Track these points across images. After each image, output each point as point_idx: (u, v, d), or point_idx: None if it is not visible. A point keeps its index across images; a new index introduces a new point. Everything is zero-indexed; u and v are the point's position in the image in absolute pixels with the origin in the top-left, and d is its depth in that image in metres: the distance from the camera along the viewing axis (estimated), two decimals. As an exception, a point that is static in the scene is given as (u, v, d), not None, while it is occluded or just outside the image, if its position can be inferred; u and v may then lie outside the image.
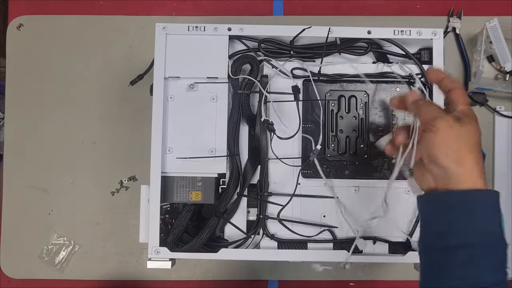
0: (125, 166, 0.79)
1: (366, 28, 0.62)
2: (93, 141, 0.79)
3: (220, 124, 0.62)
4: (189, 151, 0.61)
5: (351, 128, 0.63)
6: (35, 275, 0.78)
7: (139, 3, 0.82)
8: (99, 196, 0.78)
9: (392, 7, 0.81)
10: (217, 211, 0.62)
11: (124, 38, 0.81)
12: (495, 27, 0.73)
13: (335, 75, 0.63)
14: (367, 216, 0.61)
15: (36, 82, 0.80)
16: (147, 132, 0.60)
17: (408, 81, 0.63)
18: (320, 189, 0.62)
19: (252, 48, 0.64)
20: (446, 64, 0.63)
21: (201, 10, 0.82)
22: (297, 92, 0.59)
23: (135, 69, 0.78)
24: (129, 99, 0.79)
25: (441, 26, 0.79)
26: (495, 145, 0.78)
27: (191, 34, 0.62)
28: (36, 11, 0.82)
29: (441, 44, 0.62)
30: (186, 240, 0.63)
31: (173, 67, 0.62)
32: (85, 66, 0.80)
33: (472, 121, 0.43)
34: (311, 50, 0.64)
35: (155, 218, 0.60)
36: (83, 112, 0.80)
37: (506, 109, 0.78)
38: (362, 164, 0.63)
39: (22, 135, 0.80)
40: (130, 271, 0.78)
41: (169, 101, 0.62)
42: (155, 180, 0.60)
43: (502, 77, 0.76)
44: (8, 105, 0.81)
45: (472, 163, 0.41)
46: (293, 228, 0.61)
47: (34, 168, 0.79)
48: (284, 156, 0.62)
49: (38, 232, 0.78)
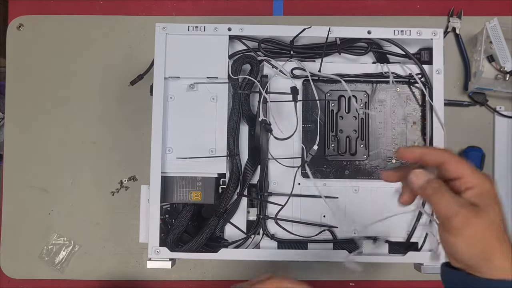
0: (125, 166, 0.79)
1: (366, 28, 0.62)
2: (93, 141, 0.79)
3: (220, 124, 0.62)
4: (189, 151, 0.61)
5: (351, 128, 0.63)
6: (35, 275, 0.78)
7: (139, 3, 0.82)
8: (99, 196, 0.78)
9: (392, 7, 0.81)
10: (217, 211, 0.62)
11: (124, 38, 0.81)
12: (495, 27, 0.73)
13: (335, 75, 0.63)
14: (367, 216, 0.62)
15: (36, 82, 0.80)
16: (147, 132, 0.60)
17: (408, 81, 0.63)
18: (320, 189, 0.62)
19: (252, 48, 0.64)
20: (446, 64, 0.63)
21: (201, 10, 0.82)
22: (296, 94, 0.59)
23: (135, 69, 0.78)
24: (129, 99, 0.79)
25: (441, 26, 0.79)
26: (495, 145, 0.78)
27: (191, 34, 0.62)
28: (36, 11, 0.82)
29: (441, 44, 0.62)
30: (186, 240, 0.63)
31: (173, 67, 0.62)
32: (85, 66, 0.80)
33: (491, 202, 0.38)
34: (311, 50, 0.64)
35: (155, 218, 0.60)
36: (83, 112, 0.80)
37: (506, 109, 0.78)
38: (362, 164, 0.63)
39: (22, 135, 0.80)
40: (130, 271, 0.78)
41: (169, 101, 0.62)
42: (155, 180, 0.60)
43: (502, 77, 0.76)
44: (8, 105, 0.81)
45: (502, 254, 0.37)
46: (293, 228, 0.62)
47: (34, 168, 0.79)
48: (284, 156, 0.62)
49: (38, 232, 0.78)
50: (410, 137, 0.63)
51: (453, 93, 0.79)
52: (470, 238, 0.37)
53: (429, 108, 0.62)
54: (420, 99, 0.64)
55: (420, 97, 0.64)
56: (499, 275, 0.37)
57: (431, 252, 0.47)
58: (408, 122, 0.63)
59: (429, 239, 0.61)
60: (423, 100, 0.63)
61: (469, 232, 0.37)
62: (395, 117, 0.63)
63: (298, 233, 0.62)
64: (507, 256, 0.37)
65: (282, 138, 0.58)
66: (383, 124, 0.63)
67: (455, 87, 0.79)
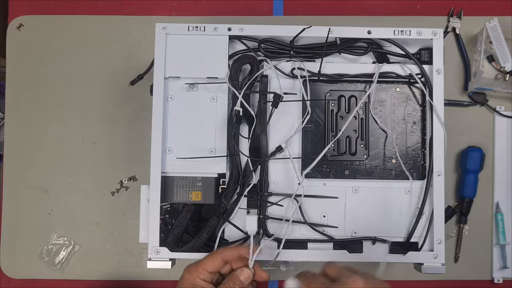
0: (125, 166, 0.79)
1: (366, 28, 0.62)
2: (93, 141, 0.79)
3: (220, 124, 0.62)
4: (189, 151, 0.61)
5: (351, 128, 0.63)
6: (35, 275, 0.78)
7: (139, 3, 0.82)
8: (99, 196, 0.78)
9: (392, 7, 0.81)
10: (217, 211, 0.62)
11: (124, 38, 0.81)
12: (495, 27, 0.73)
13: (335, 75, 0.63)
14: (367, 216, 0.62)
15: (36, 82, 0.80)
16: (147, 132, 0.60)
17: (408, 81, 0.63)
18: (320, 189, 0.63)
19: (252, 48, 0.64)
20: (446, 64, 0.63)
21: (201, 10, 0.82)
22: (278, 100, 0.60)
23: (135, 69, 0.78)
24: (129, 99, 0.79)
25: (441, 26, 0.79)
26: (495, 145, 0.78)
27: (191, 34, 0.62)
28: (36, 11, 0.82)
29: (441, 44, 0.62)
30: (186, 240, 0.63)
31: (173, 67, 0.62)
32: (85, 66, 0.80)
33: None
34: (311, 50, 0.64)
35: (155, 218, 0.60)
36: (83, 112, 0.80)
37: (506, 109, 0.78)
38: (362, 164, 0.63)
39: (22, 135, 0.80)
40: (130, 271, 0.78)
41: (169, 101, 0.62)
42: (155, 180, 0.60)
43: (502, 77, 0.76)
44: (8, 105, 0.81)
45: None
46: (293, 228, 0.62)
47: (34, 168, 0.79)
48: (284, 156, 0.62)
49: (38, 232, 0.78)
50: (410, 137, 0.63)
51: (453, 93, 0.79)
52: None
53: (429, 108, 0.62)
54: (420, 99, 0.64)
55: (420, 97, 0.64)
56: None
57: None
58: (408, 122, 0.63)
59: (429, 239, 0.61)
60: (423, 100, 0.63)
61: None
62: (395, 117, 0.63)
63: (298, 233, 0.62)
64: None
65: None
66: (383, 124, 0.63)
67: (455, 87, 0.79)
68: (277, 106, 0.60)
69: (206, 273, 0.52)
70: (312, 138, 0.63)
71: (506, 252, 0.75)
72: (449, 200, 0.77)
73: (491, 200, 0.77)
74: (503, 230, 0.75)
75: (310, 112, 0.61)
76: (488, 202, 0.77)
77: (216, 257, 0.52)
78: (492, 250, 0.76)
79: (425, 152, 0.63)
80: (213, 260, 0.52)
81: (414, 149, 0.63)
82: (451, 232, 0.77)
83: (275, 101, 0.60)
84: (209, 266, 0.52)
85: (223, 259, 0.53)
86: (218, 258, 0.52)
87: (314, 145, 0.63)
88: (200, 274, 0.52)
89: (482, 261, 0.77)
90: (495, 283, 0.76)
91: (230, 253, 0.53)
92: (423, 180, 0.62)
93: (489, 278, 0.76)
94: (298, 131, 0.63)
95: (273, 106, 0.60)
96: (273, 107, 0.60)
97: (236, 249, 0.53)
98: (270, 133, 0.63)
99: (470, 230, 0.76)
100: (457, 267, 0.76)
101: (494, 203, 0.77)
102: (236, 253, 0.53)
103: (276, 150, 0.61)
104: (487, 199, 0.77)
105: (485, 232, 0.77)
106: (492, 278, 0.76)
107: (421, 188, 0.62)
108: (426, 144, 0.63)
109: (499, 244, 0.76)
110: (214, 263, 0.52)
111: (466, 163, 0.75)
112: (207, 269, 0.52)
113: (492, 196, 0.77)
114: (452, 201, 0.77)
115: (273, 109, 0.60)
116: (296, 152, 0.63)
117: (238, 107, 0.60)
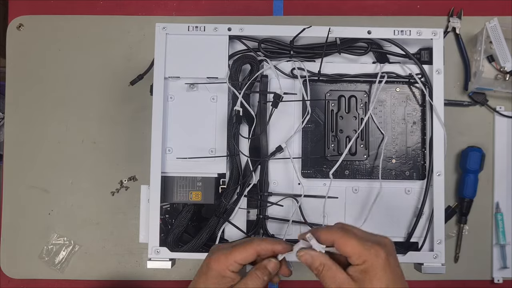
0: (125, 166, 0.79)
1: (366, 28, 0.62)
2: (93, 141, 0.79)
3: (220, 124, 0.62)
4: (189, 151, 0.61)
5: (351, 128, 0.63)
6: (35, 275, 0.78)
7: (139, 3, 0.82)
8: (99, 196, 0.78)
9: (392, 7, 0.81)
10: (217, 211, 0.62)
11: (124, 38, 0.81)
12: (495, 27, 0.73)
13: (335, 75, 0.63)
14: (367, 216, 0.62)
15: (36, 82, 0.80)
16: (147, 132, 0.60)
17: (408, 81, 0.63)
18: (320, 189, 0.63)
19: (252, 48, 0.64)
20: (446, 64, 0.63)
21: (201, 10, 0.82)
22: (278, 100, 0.60)
23: (135, 69, 0.78)
24: (129, 99, 0.79)
25: (441, 26, 0.79)
26: (495, 145, 0.78)
27: (191, 34, 0.62)
28: (36, 11, 0.82)
29: (441, 44, 0.62)
30: (186, 240, 0.63)
31: (173, 67, 0.62)
32: (85, 66, 0.80)
33: (373, 278, 0.42)
34: (311, 50, 0.64)
35: (155, 218, 0.60)
36: (83, 112, 0.80)
37: (506, 109, 0.78)
38: (362, 164, 0.63)
39: (22, 135, 0.80)
40: (130, 271, 0.78)
41: (169, 101, 0.62)
42: (155, 180, 0.60)
43: (502, 77, 0.76)
44: (8, 105, 0.81)
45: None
46: (293, 228, 0.62)
47: (34, 168, 0.79)
48: (284, 156, 0.62)
49: (38, 232, 0.78)
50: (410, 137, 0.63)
51: (453, 93, 0.79)
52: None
53: (429, 108, 0.62)
54: (420, 99, 0.64)
55: (420, 97, 0.64)
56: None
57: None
58: (408, 122, 0.63)
59: (429, 239, 0.61)
60: (423, 100, 0.63)
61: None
62: (395, 117, 0.63)
63: (298, 233, 0.62)
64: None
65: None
66: (383, 124, 0.63)
67: (455, 87, 0.79)
68: (277, 106, 0.60)
69: (236, 265, 0.48)
70: (312, 138, 0.63)
71: (506, 252, 0.75)
72: (449, 200, 0.77)
73: (491, 200, 0.77)
74: (503, 230, 0.75)
75: (310, 112, 0.61)
76: (488, 202, 0.77)
77: (249, 249, 0.48)
78: (492, 250, 0.76)
79: (425, 152, 0.63)
80: (246, 252, 0.48)
81: (414, 149, 0.63)
82: (451, 232, 0.77)
83: (275, 101, 0.60)
84: (241, 258, 0.48)
85: (257, 252, 0.49)
86: (251, 250, 0.48)
87: (314, 145, 0.63)
88: (230, 265, 0.48)
89: (482, 261, 0.77)
90: (495, 283, 0.76)
91: (266, 247, 0.49)
92: (423, 180, 0.62)
93: (489, 278, 0.77)
94: (298, 131, 0.63)
95: (273, 106, 0.60)
96: (273, 107, 0.60)
97: (271, 244, 0.49)
98: (270, 133, 0.63)
99: (470, 230, 0.76)
100: (457, 267, 0.76)
101: (494, 203, 0.77)
102: (271, 248, 0.49)
103: (276, 150, 0.61)
104: (487, 199, 0.77)
105: (485, 232, 0.77)
106: (492, 278, 0.76)
107: (421, 188, 0.63)
108: (426, 144, 0.63)
109: (499, 244, 0.76)
110: (247, 255, 0.48)
111: (466, 163, 0.75)
112: (237, 261, 0.48)
113: (492, 196, 0.77)
114: (452, 201, 0.77)
115: (273, 109, 0.60)
116: (296, 152, 0.63)
117: (238, 107, 0.60)
